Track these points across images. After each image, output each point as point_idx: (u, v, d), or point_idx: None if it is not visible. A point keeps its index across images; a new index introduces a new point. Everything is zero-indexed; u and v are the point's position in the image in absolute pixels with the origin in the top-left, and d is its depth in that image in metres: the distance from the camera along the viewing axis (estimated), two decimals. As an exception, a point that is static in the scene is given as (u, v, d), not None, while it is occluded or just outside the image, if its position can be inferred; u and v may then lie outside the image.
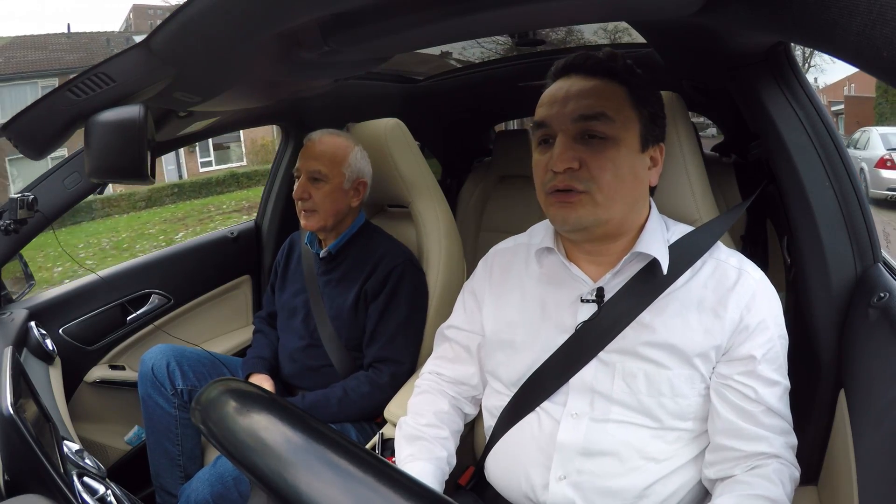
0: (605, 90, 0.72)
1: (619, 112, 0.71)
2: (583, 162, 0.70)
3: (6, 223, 1.15)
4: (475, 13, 0.62)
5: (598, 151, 0.70)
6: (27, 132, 0.76)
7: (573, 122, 0.71)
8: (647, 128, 0.74)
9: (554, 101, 0.74)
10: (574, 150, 0.71)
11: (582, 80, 0.74)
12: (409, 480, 0.37)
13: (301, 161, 1.27)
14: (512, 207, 2.12)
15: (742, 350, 0.71)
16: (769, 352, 0.71)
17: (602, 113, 0.70)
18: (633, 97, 0.73)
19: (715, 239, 0.78)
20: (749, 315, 0.71)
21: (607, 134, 0.70)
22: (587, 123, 0.71)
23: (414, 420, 0.87)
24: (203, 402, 0.46)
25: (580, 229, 0.74)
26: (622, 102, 0.72)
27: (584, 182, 0.70)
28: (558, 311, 0.79)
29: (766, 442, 0.70)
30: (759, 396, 0.70)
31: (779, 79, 0.87)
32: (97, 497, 0.72)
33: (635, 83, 0.74)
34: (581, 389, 0.75)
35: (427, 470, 0.80)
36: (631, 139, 0.72)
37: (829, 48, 0.37)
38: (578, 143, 0.71)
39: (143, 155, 0.75)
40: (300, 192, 1.25)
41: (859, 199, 0.83)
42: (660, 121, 0.77)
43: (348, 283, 1.27)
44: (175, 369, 1.28)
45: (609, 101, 0.72)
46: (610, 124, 0.71)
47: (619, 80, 0.73)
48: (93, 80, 0.71)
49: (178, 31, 0.64)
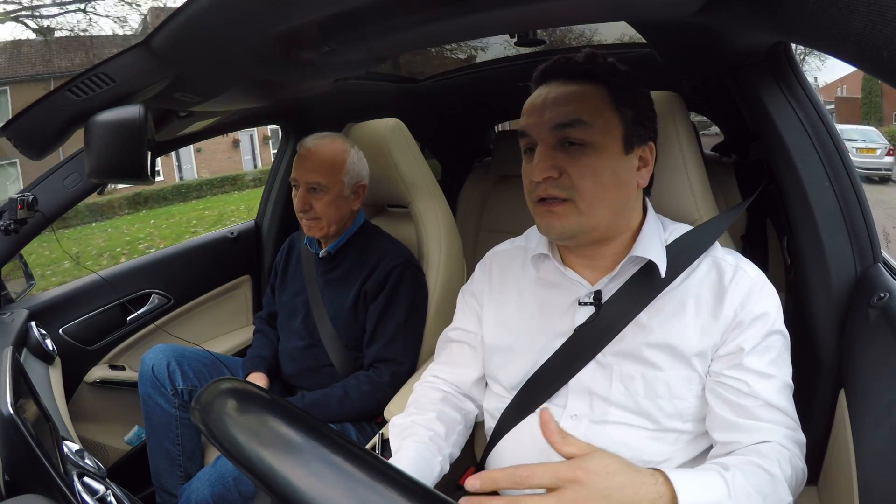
0: (583, 94, 0.71)
1: (598, 116, 0.70)
2: (562, 170, 0.70)
3: (6, 223, 1.15)
4: (475, 13, 0.62)
5: (576, 158, 0.70)
6: (27, 132, 0.76)
7: (550, 130, 0.71)
8: (631, 129, 0.73)
9: (533, 110, 0.73)
10: (552, 159, 0.70)
11: (559, 87, 0.73)
12: (408, 480, 0.37)
13: (297, 171, 1.24)
14: (512, 207, 2.12)
15: (732, 344, 0.70)
16: (759, 345, 0.69)
17: (578, 119, 0.70)
18: (615, 98, 0.72)
19: (713, 239, 0.77)
20: (743, 312, 0.70)
21: (585, 140, 0.70)
22: (564, 131, 0.70)
23: (407, 418, 0.84)
24: (203, 401, 0.46)
25: (567, 237, 0.73)
26: (601, 105, 0.71)
27: (565, 190, 0.70)
28: (556, 314, 0.78)
29: (764, 433, 0.67)
30: (753, 390, 0.68)
31: (779, 79, 0.87)
32: (97, 497, 0.72)
33: (617, 83, 0.73)
34: (580, 391, 0.75)
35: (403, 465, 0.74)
36: (612, 143, 0.71)
37: (829, 48, 0.37)
38: (558, 151, 0.71)
39: (143, 155, 0.75)
40: (301, 205, 1.22)
41: (859, 199, 0.83)
42: (647, 121, 0.75)
43: (348, 283, 1.27)
44: (175, 369, 1.28)
45: (585, 106, 0.70)
46: (587, 130, 0.70)
47: (600, 81, 0.72)
48: (93, 80, 0.71)
49: (178, 31, 0.64)
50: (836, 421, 0.80)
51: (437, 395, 0.88)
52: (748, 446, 0.68)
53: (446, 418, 0.85)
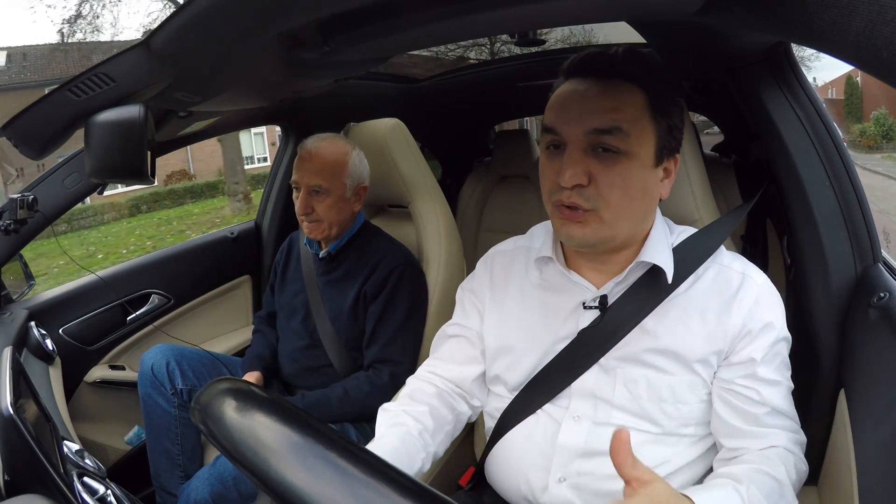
0: (623, 98, 0.66)
1: (635, 124, 0.66)
2: (592, 177, 0.66)
3: (6, 223, 1.15)
4: (475, 13, 0.62)
5: (609, 166, 0.66)
6: (27, 132, 0.76)
7: (585, 134, 0.66)
8: (664, 140, 0.68)
9: (565, 108, 0.68)
10: (584, 164, 0.66)
11: (597, 85, 0.67)
12: (408, 481, 0.37)
13: (298, 174, 1.23)
14: (512, 207, 2.12)
15: (743, 354, 0.70)
16: (769, 353, 0.70)
17: (617, 127, 0.65)
18: (653, 105, 0.67)
19: (719, 243, 0.76)
20: (752, 321, 0.70)
21: (620, 148, 0.65)
22: (600, 137, 0.65)
23: (398, 407, 0.82)
24: (203, 401, 0.46)
25: (588, 246, 0.71)
26: (640, 113, 0.67)
27: (591, 200, 0.66)
28: (560, 316, 0.77)
29: (771, 439, 0.70)
30: (763, 398, 0.69)
31: (779, 79, 0.87)
32: (97, 497, 0.72)
33: (657, 89, 0.68)
34: (583, 394, 0.75)
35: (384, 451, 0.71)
36: (645, 154, 0.67)
37: (829, 48, 0.37)
38: (589, 155, 0.66)
39: (143, 155, 0.75)
40: (303, 209, 1.21)
41: (859, 198, 0.83)
42: (679, 132, 0.71)
43: (348, 284, 1.27)
44: (175, 369, 1.28)
45: (625, 113, 0.66)
46: (624, 139, 0.65)
47: (640, 83, 0.67)
48: (93, 80, 0.71)
49: (178, 31, 0.64)
50: (836, 421, 0.80)
51: (431, 390, 0.84)
52: (756, 451, 0.70)
53: (438, 415, 0.81)
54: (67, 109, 0.73)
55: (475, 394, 0.87)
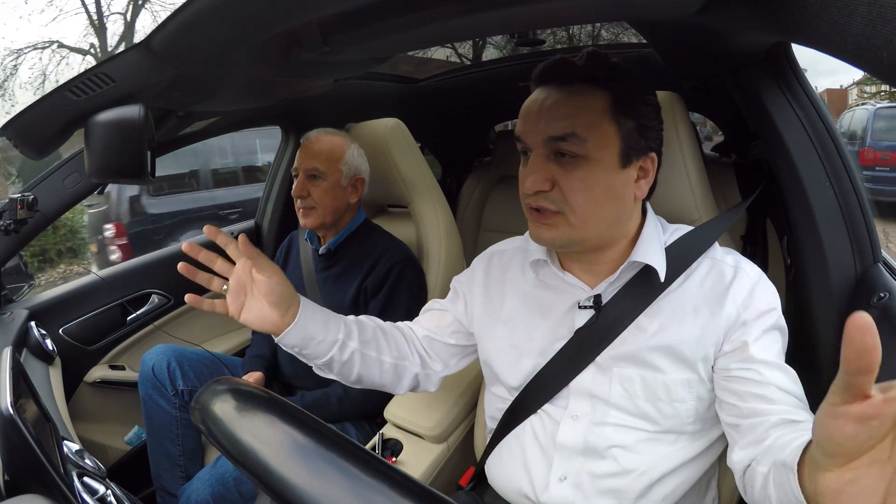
0: (581, 104, 0.67)
1: (593, 129, 0.67)
2: (555, 182, 0.68)
3: (6, 223, 1.15)
4: (475, 13, 0.62)
5: (569, 171, 0.67)
6: (27, 132, 0.76)
7: (545, 142, 0.68)
8: (630, 141, 0.68)
9: (528, 116, 0.70)
10: (546, 171, 0.68)
11: (556, 93, 0.69)
12: (408, 480, 0.37)
13: (299, 160, 1.29)
14: (512, 207, 2.11)
15: (737, 340, 0.69)
16: (762, 337, 0.69)
17: (571, 133, 0.66)
18: (616, 106, 0.68)
19: (713, 240, 0.76)
20: (746, 311, 0.69)
21: (578, 153, 0.67)
22: (557, 144, 0.67)
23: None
24: (203, 402, 0.46)
25: (558, 246, 0.73)
26: (598, 117, 0.67)
27: (555, 203, 0.68)
28: (555, 317, 0.78)
29: (789, 414, 0.63)
30: (766, 378, 0.65)
31: (779, 79, 0.87)
32: (97, 497, 0.72)
33: (621, 89, 0.68)
34: (581, 393, 0.75)
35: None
36: (607, 157, 0.67)
37: (829, 48, 0.37)
38: (551, 161, 0.68)
39: (143, 155, 0.75)
40: (299, 190, 1.26)
41: (859, 199, 0.83)
42: (650, 131, 0.71)
43: (347, 280, 1.27)
44: (175, 369, 1.28)
45: (581, 119, 0.66)
46: (581, 144, 0.66)
47: (602, 85, 0.68)
48: (92, 80, 0.71)
49: (178, 31, 0.64)
50: (836, 421, 0.79)
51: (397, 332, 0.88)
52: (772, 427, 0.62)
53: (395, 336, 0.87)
54: (67, 109, 0.73)
55: (433, 356, 0.89)
